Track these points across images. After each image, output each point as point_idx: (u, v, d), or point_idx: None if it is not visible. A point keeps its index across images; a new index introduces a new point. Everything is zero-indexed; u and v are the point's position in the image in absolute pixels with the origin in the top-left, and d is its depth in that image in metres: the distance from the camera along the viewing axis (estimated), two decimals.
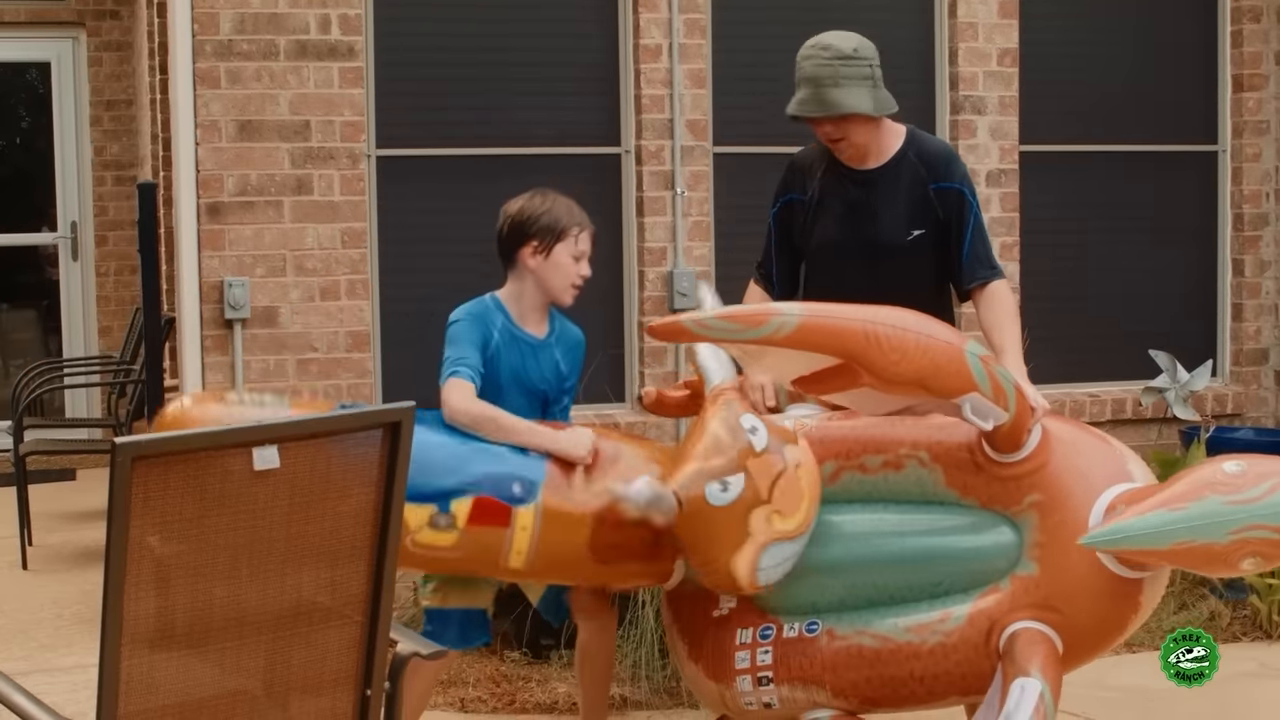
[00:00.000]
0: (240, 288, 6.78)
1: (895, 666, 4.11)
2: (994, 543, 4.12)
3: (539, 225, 4.75)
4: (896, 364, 3.91)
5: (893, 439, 4.26)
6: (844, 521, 4.24)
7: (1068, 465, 4.12)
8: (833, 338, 3.93)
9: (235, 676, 3.22)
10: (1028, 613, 4.01)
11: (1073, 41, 8.05)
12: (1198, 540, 3.71)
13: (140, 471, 2.95)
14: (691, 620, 4.32)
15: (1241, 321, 8.22)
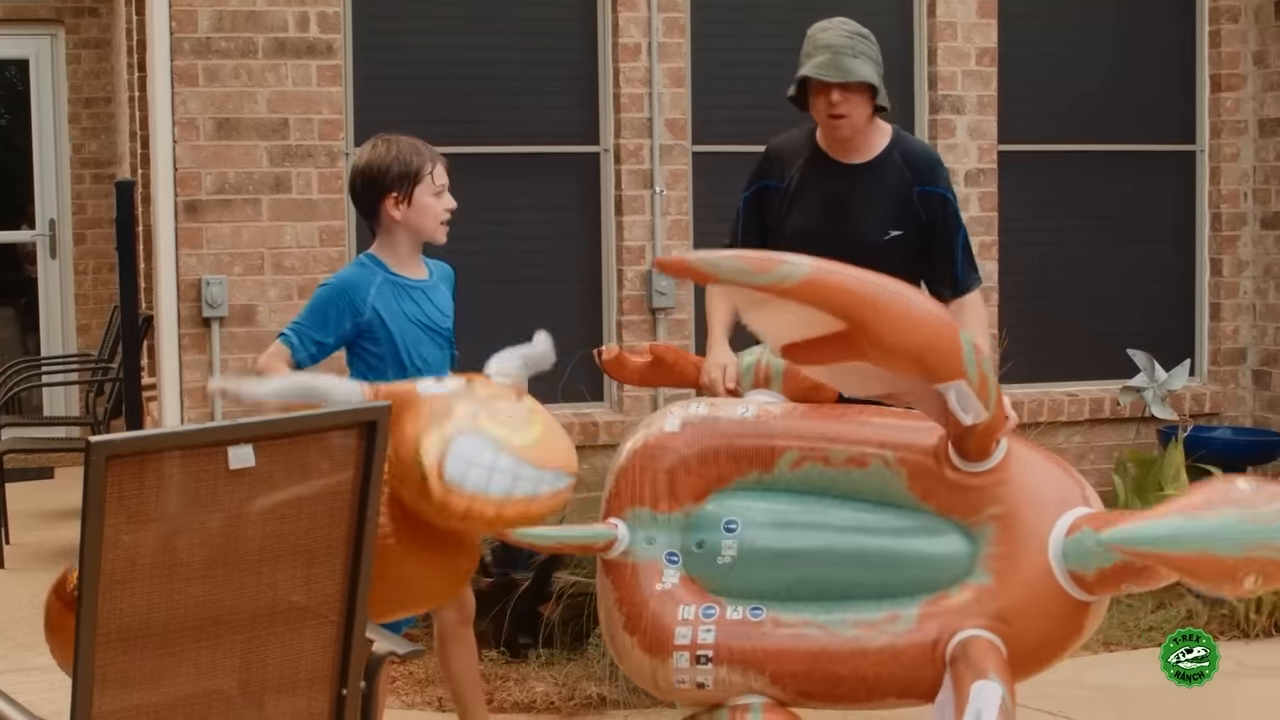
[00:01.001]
0: (218, 286, 6.77)
1: (839, 663, 4.06)
2: (947, 551, 4.09)
3: (392, 175, 4.65)
4: (896, 332, 3.85)
5: (860, 436, 4.24)
6: (801, 511, 4.22)
7: (1031, 482, 4.10)
8: (838, 295, 3.85)
9: (210, 676, 3.21)
10: (979, 621, 3.98)
11: (1051, 41, 8.07)
12: (1215, 551, 3.68)
13: (115, 470, 2.94)
14: (632, 591, 4.23)
15: (1219, 321, 8.24)
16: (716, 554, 4.20)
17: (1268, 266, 8.16)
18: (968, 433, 4.02)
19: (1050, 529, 4.00)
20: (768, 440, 4.26)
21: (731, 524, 4.21)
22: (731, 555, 4.19)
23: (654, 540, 4.24)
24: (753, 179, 5.18)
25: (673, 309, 7.33)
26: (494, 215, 7.18)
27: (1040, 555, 3.97)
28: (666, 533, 4.25)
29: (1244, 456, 7.69)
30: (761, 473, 4.25)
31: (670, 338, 7.32)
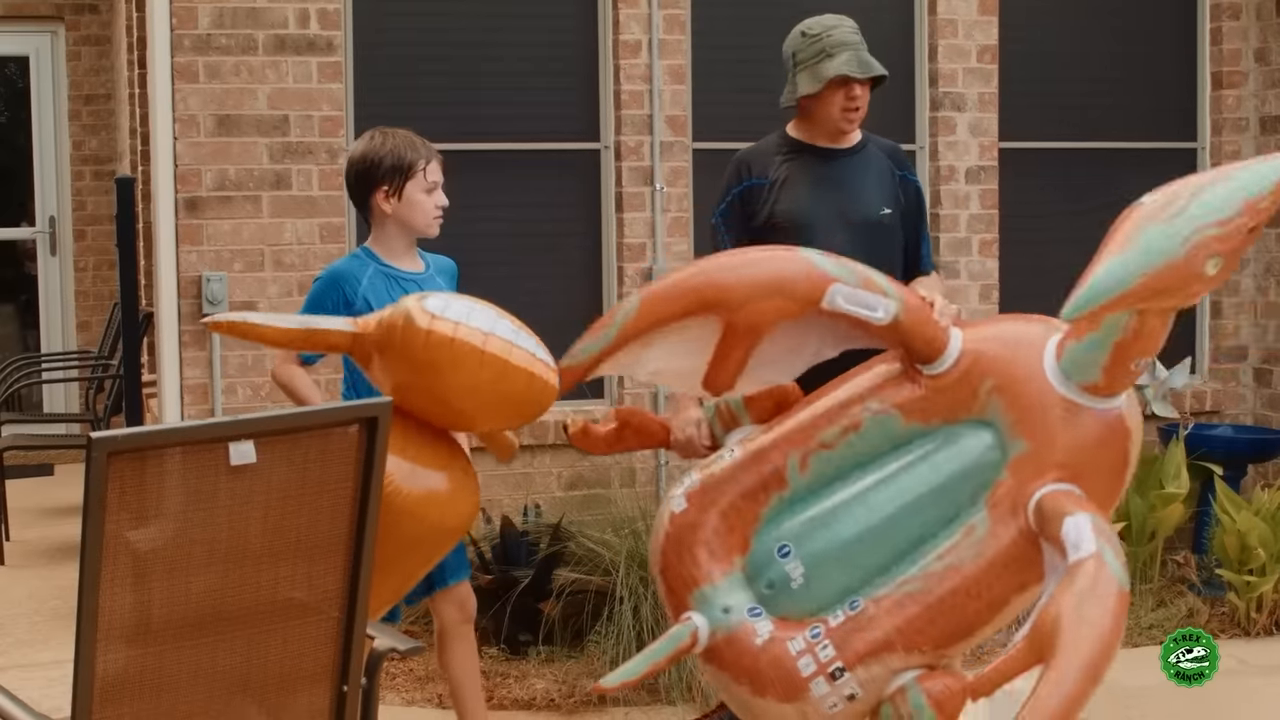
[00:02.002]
0: (218, 283, 6.76)
1: (950, 595, 4.08)
2: (977, 448, 4.14)
3: (384, 168, 4.68)
4: (741, 284, 4.02)
5: (838, 405, 4.26)
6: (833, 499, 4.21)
7: (1000, 340, 4.20)
8: (676, 296, 4.06)
9: (212, 672, 3.21)
10: (1039, 482, 4.05)
11: (1052, 38, 8.06)
12: (1158, 264, 3.75)
13: (116, 466, 2.94)
14: (739, 661, 4.16)
15: (1220, 319, 8.24)
16: (788, 582, 4.16)
17: (1269, 264, 8.16)
18: (897, 334, 4.11)
19: (1042, 364, 4.09)
20: (766, 463, 4.25)
21: (784, 548, 4.18)
22: (800, 574, 4.16)
23: (729, 608, 4.16)
24: (730, 187, 5.22)
25: None
26: (494, 212, 7.18)
27: (1051, 394, 4.06)
28: (735, 595, 4.18)
29: (1245, 454, 7.69)
30: (779, 493, 4.23)
31: None
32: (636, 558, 6.18)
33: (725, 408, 4.43)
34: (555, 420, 7.12)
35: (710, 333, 4.12)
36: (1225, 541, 6.85)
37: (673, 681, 5.86)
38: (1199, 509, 7.38)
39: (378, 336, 3.78)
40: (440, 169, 4.75)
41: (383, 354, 3.79)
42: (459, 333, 3.71)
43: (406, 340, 3.71)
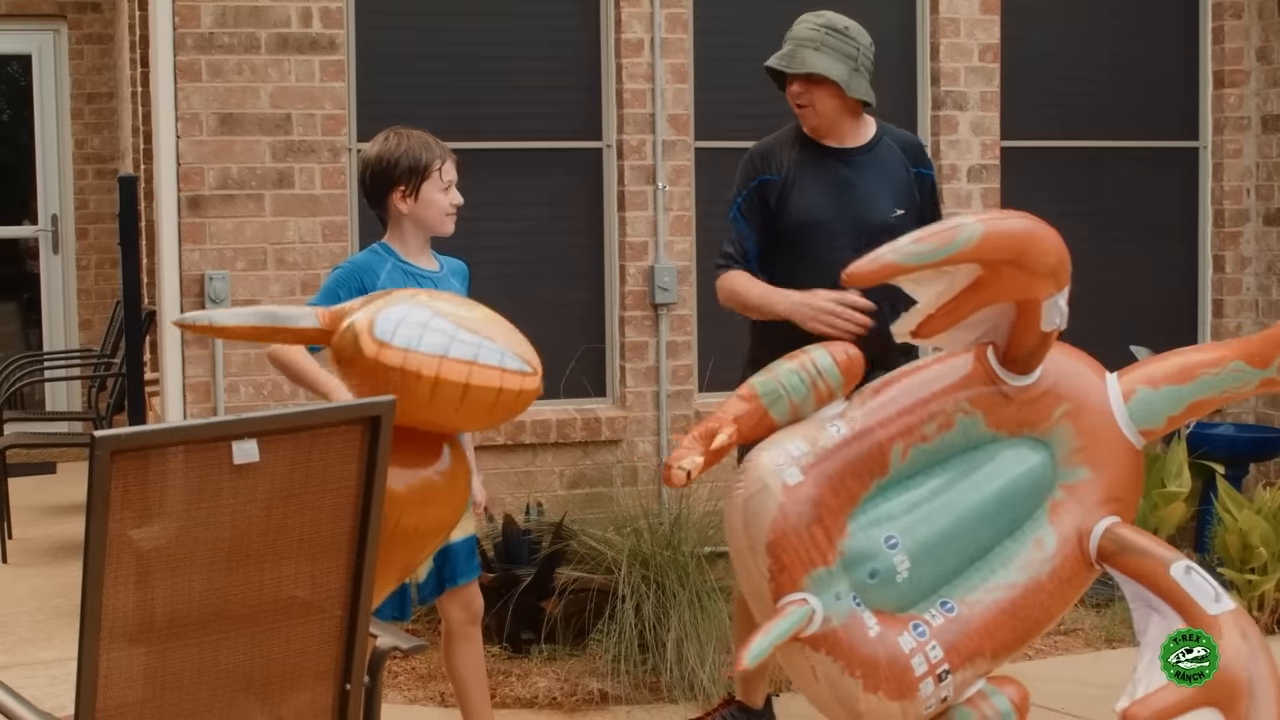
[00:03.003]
0: (221, 281, 6.77)
1: (1028, 608, 4.19)
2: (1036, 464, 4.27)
3: (400, 168, 4.71)
4: (1047, 254, 4.08)
5: (939, 400, 4.26)
6: (926, 493, 4.22)
7: (1074, 370, 4.37)
8: (1011, 241, 4.05)
9: (215, 670, 3.21)
10: (1100, 510, 4.24)
11: (1054, 37, 8.07)
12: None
13: (119, 465, 2.94)
14: (854, 652, 4.05)
15: (1222, 317, 8.24)
16: (894, 574, 4.09)
17: (1270, 262, 8.16)
18: (1044, 345, 4.23)
19: (1109, 403, 4.33)
20: (875, 444, 4.17)
21: (891, 539, 4.11)
22: (906, 567, 4.11)
23: (840, 594, 4.05)
24: (745, 181, 5.22)
25: (675, 305, 7.33)
26: (496, 211, 7.18)
27: (1115, 430, 4.31)
28: (841, 580, 4.07)
29: (1246, 453, 7.69)
30: (879, 479, 4.17)
31: (673, 334, 7.32)
32: (639, 556, 6.19)
33: (823, 386, 4.24)
34: (558, 419, 7.13)
35: (959, 281, 4.15)
36: (1227, 540, 6.85)
37: (674, 679, 5.86)
38: (1201, 508, 7.38)
39: (336, 345, 3.71)
40: (455, 168, 4.79)
41: (339, 365, 3.74)
42: (408, 362, 3.59)
43: (355, 361, 3.64)
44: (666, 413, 7.29)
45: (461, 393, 3.60)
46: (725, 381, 7.38)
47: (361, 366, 3.63)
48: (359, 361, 3.63)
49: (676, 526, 6.37)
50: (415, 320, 3.67)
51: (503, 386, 3.65)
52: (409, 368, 3.58)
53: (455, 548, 4.74)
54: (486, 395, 3.63)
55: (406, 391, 3.56)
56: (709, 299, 7.39)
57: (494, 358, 3.65)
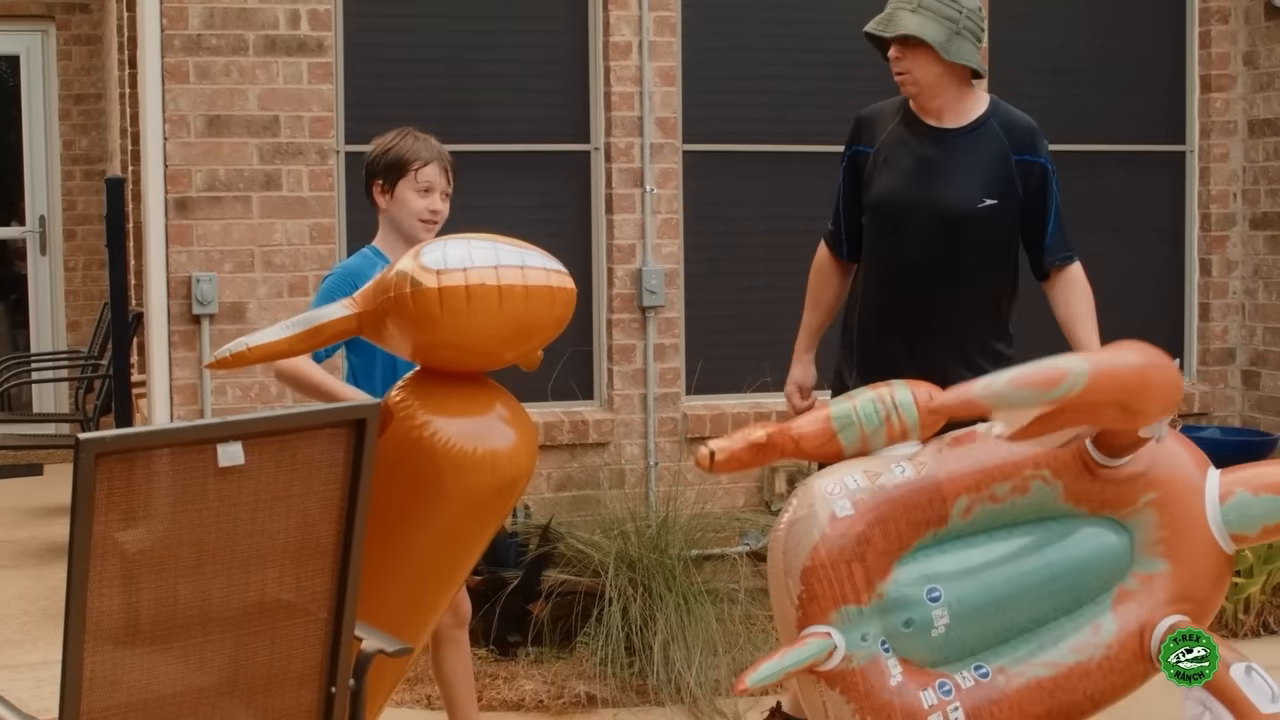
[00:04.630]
0: (208, 283, 6.76)
1: (1071, 691, 4.06)
2: (1111, 547, 4.14)
3: (382, 164, 4.74)
4: (1155, 403, 3.89)
5: (1016, 463, 4.12)
6: (982, 553, 4.09)
7: (1171, 459, 4.19)
8: (1117, 388, 3.84)
9: (200, 673, 3.21)
10: (1169, 608, 4.09)
11: (1041, 42, 8.07)
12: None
13: (104, 468, 2.94)
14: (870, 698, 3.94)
15: (1209, 321, 8.26)
16: (929, 627, 3.97)
17: (1256, 266, 8.18)
18: (1124, 442, 4.06)
19: (1203, 500, 4.15)
20: (937, 494, 4.03)
21: (934, 591, 3.98)
22: (945, 623, 3.98)
23: (867, 636, 3.91)
24: (847, 145, 5.09)
25: (663, 308, 7.33)
26: (484, 213, 7.15)
27: (1204, 529, 4.12)
28: (873, 623, 3.93)
29: (1233, 457, 7.64)
30: (936, 530, 4.04)
31: (660, 337, 7.32)
32: (626, 559, 6.19)
33: (898, 422, 4.05)
34: (545, 422, 7.12)
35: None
36: None
37: (661, 682, 5.87)
38: None
39: (386, 308, 3.77)
40: (441, 174, 4.76)
41: (398, 322, 3.78)
42: (469, 278, 3.70)
43: (420, 304, 3.70)
44: (654, 415, 7.29)
45: (524, 295, 3.76)
46: (713, 384, 7.39)
47: (424, 306, 3.70)
48: (425, 302, 3.70)
49: (664, 529, 6.37)
50: (457, 245, 3.80)
51: (552, 286, 3.85)
52: (472, 283, 3.70)
53: None
54: (543, 295, 3.81)
55: (476, 311, 3.69)
56: (697, 302, 7.41)
57: (538, 260, 3.85)
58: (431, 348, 3.82)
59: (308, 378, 4.59)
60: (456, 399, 3.87)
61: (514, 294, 3.74)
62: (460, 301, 3.68)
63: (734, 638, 5.93)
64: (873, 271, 5.03)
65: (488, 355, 3.89)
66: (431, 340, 3.78)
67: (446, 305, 3.68)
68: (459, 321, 3.70)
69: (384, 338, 3.87)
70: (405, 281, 3.73)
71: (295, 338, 3.85)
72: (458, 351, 3.82)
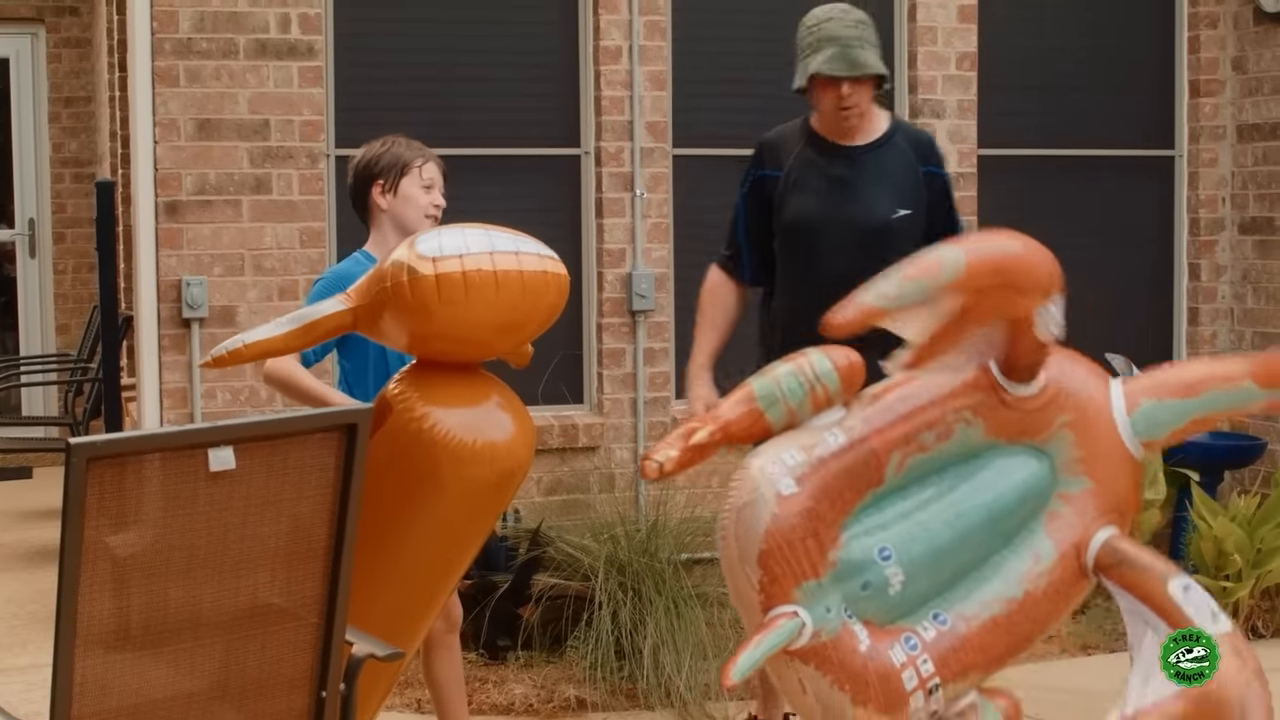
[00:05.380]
0: (198, 287, 6.76)
1: (1026, 622, 4.16)
2: (1034, 473, 4.22)
3: (381, 165, 4.79)
4: (1034, 273, 4.02)
5: (939, 408, 4.20)
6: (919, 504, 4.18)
7: (1077, 380, 4.29)
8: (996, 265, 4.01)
9: (190, 678, 3.21)
10: (1099, 522, 4.19)
11: (1031, 46, 8.09)
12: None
13: (95, 472, 2.94)
14: (844, 666, 4.01)
15: (1197, 326, 8.27)
16: (886, 586, 4.03)
17: (1245, 271, 8.19)
18: (1042, 355, 4.16)
19: (1111, 414, 4.25)
20: (872, 455, 4.09)
21: (885, 550, 4.04)
22: (900, 580, 4.04)
23: (831, 607, 3.97)
24: (748, 171, 5.17)
25: (653, 312, 7.34)
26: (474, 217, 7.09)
27: (1117, 442, 4.23)
28: (834, 593, 3.99)
29: (1221, 460, 7.71)
30: (874, 489, 4.10)
31: (650, 341, 7.32)
32: (616, 563, 6.19)
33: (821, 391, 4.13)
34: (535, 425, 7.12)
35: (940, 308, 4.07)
36: (1202, 548, 6.87)
37: (651, 686, 5.87)
38: (1176, 515, 7.40)
39: (382, 299, 3.79)
40: (438, 171, 4.85)
41: (395, 313, 3.80)
42: (466, 264, 3.73)
43: (418, 293, 3.72)
44: (644, 419, 7.29)
45: (520, 282, 3.78)
46: None
47: (422, 294, 3.72)
48: (422, 291, 3.72)
49: (654, 533, 6.38)
50: (452, 233, 3.85)
51: (548, 271, 3.86)
52: (469, 269, 3.73)
53: None
54: (538, 281, 3.83)
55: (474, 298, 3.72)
56: (687, 306, 7.40)
57: (531, 246, 3.89)
58: (428, 338, 3.84)
59: (296, 382, 4.60)
60: (454, 391, 3.89)
61: (510, 280, 3.77)
62: (458, 289, 3.72)
63: (724, 642, 5.93)
64: (792, 290, 5.11)
65: (482, 345, 3.92)
66: (428, 330, 3.80)
67: (444, 293, 3.71)
68: (455, 310, 3.73)
69: (380, 331, 3.89)
70: (402, 270, 3.75)
71: (291, 334, 3.87)
72: (453, 342, 3.85)
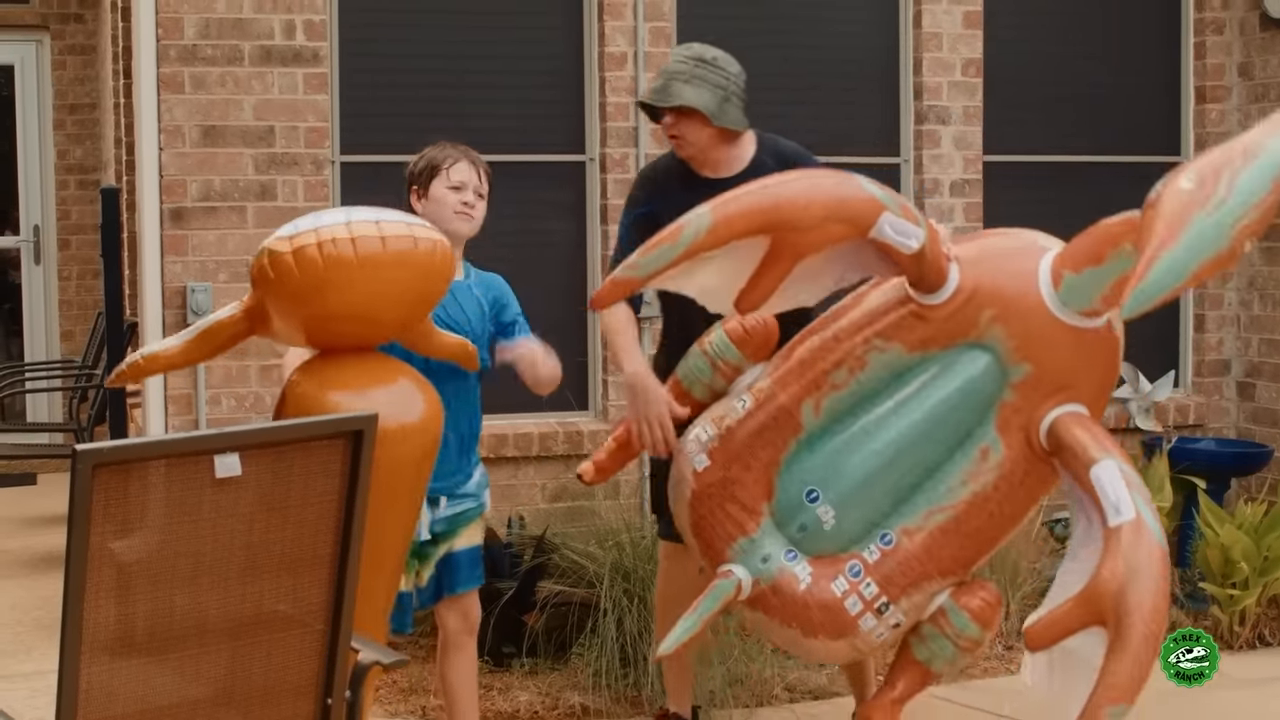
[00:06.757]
0: (203, 293, 6.76)
1: (975, 519, 4.28)
2: (976, 370, 4.28)
3: (415, 171, 4.85)
4: (807, 208, 4.08)
5: (840, 344, 4.37)
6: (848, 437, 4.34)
7: (996, 268, 4.36)
8: (749, 214, 4.10)
9: (195, 685, 3.21)
10: (1048, 403, 4.25)
11: (1037, 53, 8.08)
12: (1207, 256, 3.96)
13: (101, 479, 2.93)
14: (786, 607, 4.36)
15: (1204, 333, 8.26)
16: (820, 525, 4.32)
17: (1252, 278, 8.18)
18: (920, 264, 4.20)
19: (1040, 293, 4.28)
20: (781, 410, 4.38)
21: (811, 492, 4.33)
22: (831, 516, 4.32)
23: (767, 557, 4.35)
24: (630, 206, 5.22)
25: (656, 318, 7.31)
26: None
27: (1050, 319, 4.26)
28: (770, 542, 4.36)
29: (1228, 468, 7.70)
30: (796, 437, 4.36)
31: (653, 347, 7.30)
32: (620, 570, 6.18)
33: (724, 363, 4.54)
34: (540, 432, 7.12)
35: (755, 253, 4.17)
36: (1208, 555, 6.86)
37: (656, 693, 5.86)
38: (1182, 522, 7.39)
39: (257, 291, 3.92)
40: (473, 172, 4.84)
41: (273, 303, 3.90)
42: (320, 235, 3.83)
43: (279, 269, 3.84)
44: None
45: (380, 244, 3.84)
46: None
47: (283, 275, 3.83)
48: (279, 268, 3.83)
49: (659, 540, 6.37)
50: (312, 215, 3.97)
51: (415, 236, 3.92)
52: (323, 238, 3.82)
53: (458, 555, 4.76)
54: (404, 244, 3.88)
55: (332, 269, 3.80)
56: None
57: (396, 216, 3.97)
58: (314, 322, 3.92)
59: None
60: (355, 375, 3.98)
61: (369, 243, 3.84)
62: (314, 259, 3.81)
63: (728, 649, 5.92)
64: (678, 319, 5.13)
65: (369, 321, 3.98)
66: (308, 313, 3.89)
67: (303, 265, 3.81)
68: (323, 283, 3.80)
69: (272, 329, 4.00)
70: (263, 254, 3.89)
71: (188, 344, 4.04)
72: (338, 321, 3.92)
